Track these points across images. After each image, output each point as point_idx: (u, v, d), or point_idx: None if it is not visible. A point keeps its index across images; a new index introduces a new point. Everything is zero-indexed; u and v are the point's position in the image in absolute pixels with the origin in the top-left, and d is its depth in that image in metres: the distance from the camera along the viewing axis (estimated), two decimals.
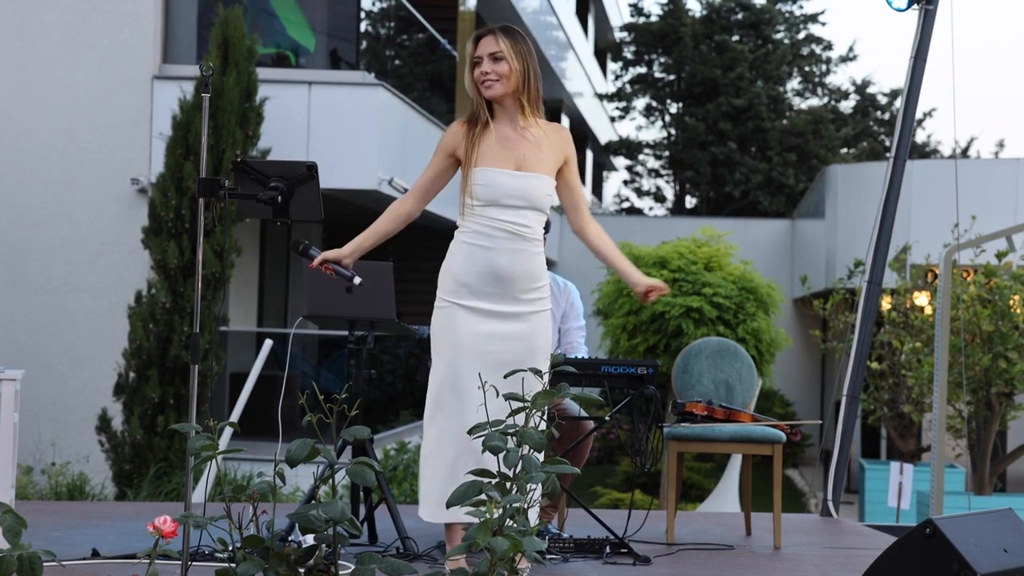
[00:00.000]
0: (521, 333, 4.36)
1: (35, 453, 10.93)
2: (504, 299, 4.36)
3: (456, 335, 4.33)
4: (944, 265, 8.18)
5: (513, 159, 4.37)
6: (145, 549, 3.33)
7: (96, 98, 11.39)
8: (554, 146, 4.44)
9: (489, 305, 4.35)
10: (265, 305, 13.83)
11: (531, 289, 4.39)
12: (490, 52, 4.36)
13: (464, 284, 4.36)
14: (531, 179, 4.36)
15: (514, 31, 4.42)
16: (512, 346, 4.34)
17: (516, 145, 4.39)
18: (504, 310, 4.36)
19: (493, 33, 4.39)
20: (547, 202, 4.41)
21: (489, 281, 4.35)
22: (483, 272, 4.34)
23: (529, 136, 4.40)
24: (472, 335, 4.33)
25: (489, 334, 4.34)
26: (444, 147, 4.45)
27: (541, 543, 3.18)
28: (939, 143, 32.15)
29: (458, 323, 4.34)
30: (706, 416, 5.68)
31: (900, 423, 14.14)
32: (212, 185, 4.27)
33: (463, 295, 4.36)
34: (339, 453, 3.36)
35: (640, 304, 11.35)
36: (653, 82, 29.93)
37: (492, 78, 4.35)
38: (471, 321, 4.34)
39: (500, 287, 4.35)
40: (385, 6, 13.65)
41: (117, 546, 5.15)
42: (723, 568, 5.14)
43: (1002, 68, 63.09)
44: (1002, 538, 3.75)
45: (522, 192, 4.34)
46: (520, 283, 4.36)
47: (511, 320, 4.36)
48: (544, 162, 4.40)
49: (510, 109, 4.41)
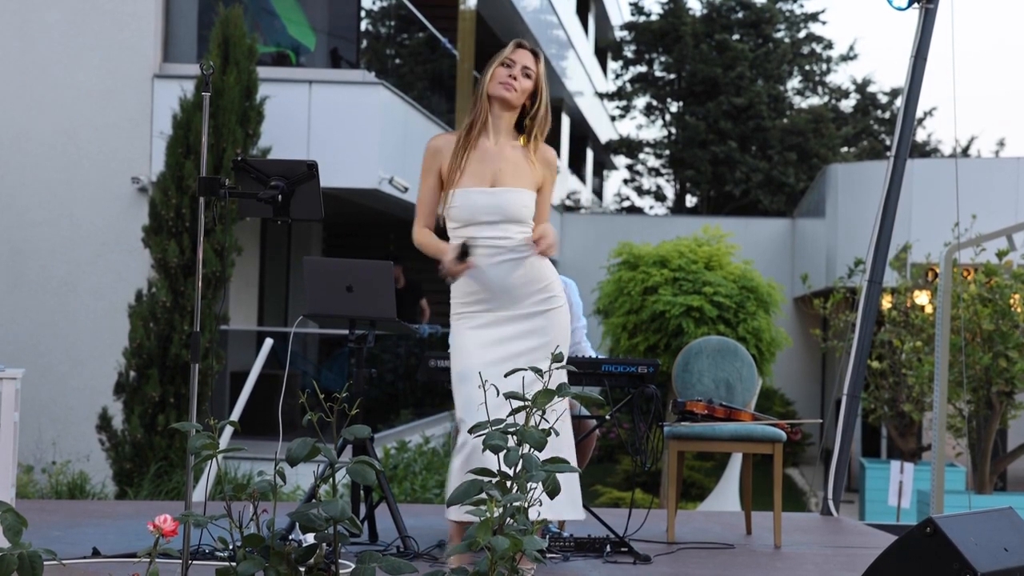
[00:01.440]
0: (536, 329, 4.39)
1: (36, 452, 10.94)
2: (511, 306, 4.40)
3: (467, 344, 4.38)
4: (944, 264, 8.18)
5: (490, 173, 4.40)
6: (145, 548, 3.33)
7: (96, 97, 11.39)
8: (536, 164, 4.47)
9: (498, 312, 4.39)
10: (265, 304, 13.83)
11: (535, 292, 4.41)
12: (525, 66, 4.43)
13: (470, 294, 4.42)
14: (505, 194, 4.39)
15: (547, 62, 4.52)
16: (527, 344, 4.36)
17: (493, 159, 4.41)
18: (514, 313, 4.40)
19: (536, 54, 4.47)
20: (526, 214, 4.42)
21: (490, 296, 4.39)
22: (478, 291, 4.40)
23: (508, 152, 4.44)
24: (484, 342, 4.36)
25: (502, 337, 4.37)
26: (430, 168, 4.47)
27: (542, 542, 3.18)
28: (940, 142, 32.16)
29: (468, 333, 4.39)
30: (706, 415, 5.68)
31: (900, 422, 14.14)
32: (213, 184, 4.27)
33: (470, 304, 4.43)
34: (339, 452, 3.36)
35: (640, 303, 11.36)
36: (653, 81, 29.92)
37: (515, 85, 4.41)
38: (482, 330, 4.38)
39: (498, 301, 4.39)
40: (386, 5, 13.65)
41: (117, 545, 5.16)
42: (723, 567, 5.14)
43: (1003, 67, 63.11)
44: (1002, 537, 3.75)
45: (496, 207, 4.37)
46: (518, 290, 4.39)
47: (523, 320, 4.39)
48: (522, 176, 4.43)
49: (503, 124, 4.45)
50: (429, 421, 14.10)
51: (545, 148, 4.54)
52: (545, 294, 4.44)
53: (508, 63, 4.43)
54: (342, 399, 3.39)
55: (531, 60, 4.44)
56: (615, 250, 12.13)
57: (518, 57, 4.44)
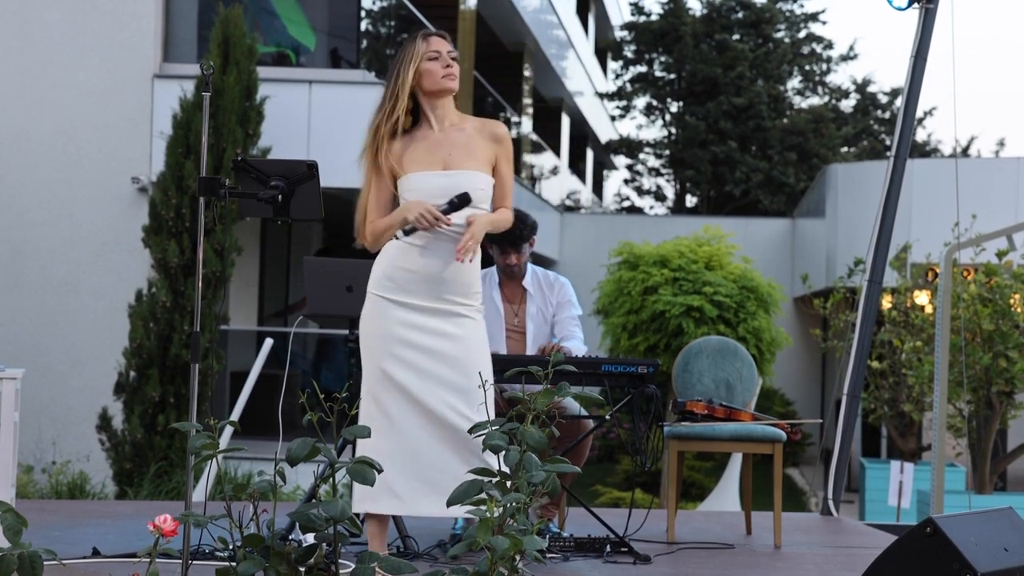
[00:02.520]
0: (453, 334, 4.28)
1: (36, 452, 10.94)
2: (431, 297, 4.29)
3: (385, 325, 4.28)
4: (944, 264, 8.18)
5: (440, 160, 4.34)
6: (145, 548, 3.33)
7: (96, 97, 11.39)
8: (484, 141, 4.39)
9: (416, 300, 4.29)
10: (265, 304, 13.83)
11: (459, 294, 4.32)
12: (449, 51, 4.38)
13: (391, 279, 4.31)
14: (460, 176, 4.31)
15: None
16: (443, 344, 4.26)
17: (441, 145, 4.35)
18: (431, 305, 4.29)
19: (444, 37, 4.43)
20: (482, 196, 4.34)
21: (417, 280, 4.29)
22: (412, 271, 4.29)
23: (455, 136, 4.38)
24: (400, 325, 4.27)
25: (418, 326, 4.27)
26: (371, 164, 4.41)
27: (542, 542, 3.18)
28: (940, 142, 32.14)
29: (387, 315, 4.28)
30: (706, 415, 5.68)
31: (900, 422, 14.14)
32: (213, 184, 4.27)
33: (389, 289, 4.31)
34: (339, 452, 3.36)
35: (640, 303, 11.36)
36: (653, 81, 29.91)
37: (454, 71, 4.36)
38: (399, 313, 4.28)
39: (427, 287, 4.29)
40: (386, 5, 13.66)
41: (117, 545, 5.15)
42: (723, 567, 5.14)
43: (1003, 67, 63.08)
44: (1002, 537, 3.75)
45: (452, 190, 4.28)
46: (448, 286, 4.29)
47: (440, 317, 4.29)
48: (474, 157, 4.35)
49: (443, 111, 4.39)
50: None
51: (494, 124, 4.46)
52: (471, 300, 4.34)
53: (434, 55, 4.35)
54: (342, 399, 3.39)
55: (448, 45, 4.39)
56: (615, 250, 12.13)
57: (440, 47, 4.36)
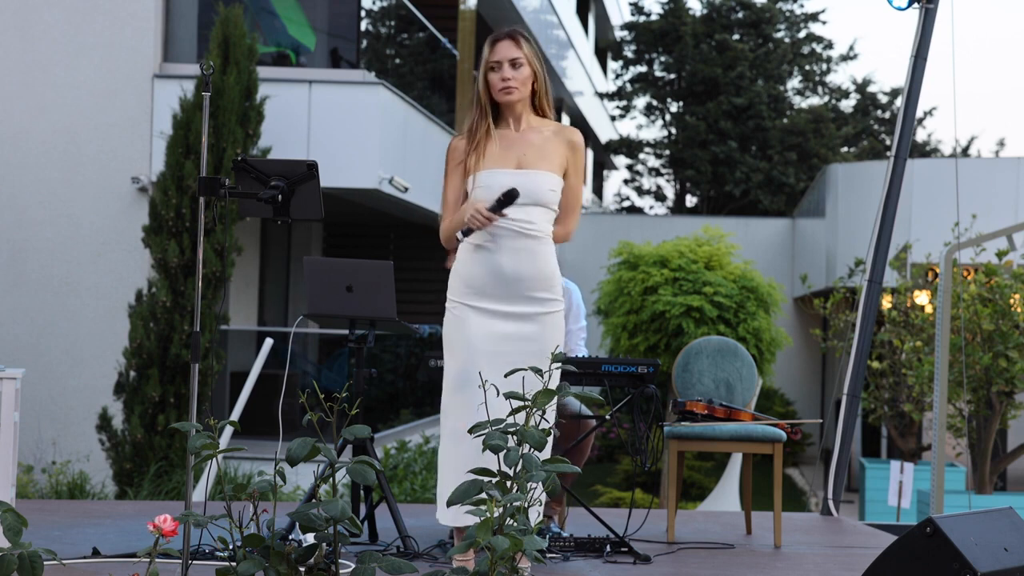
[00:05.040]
0: (532, 334, 4.31)
1: (36, 452, 10.94)
2: (512, 299, 4.31)
3: (467, 335, 4.30)
4: (945, 264, 8.18)
5: (514, 158, 4.35)
6: (145, 548, 3.33)
7: (97, 97, 11.39)
8: (560, 146, 4.40)
9: (497, 305, 4.31)
10: (265, 304, 13.83)
11: (540, 288, 4.34)
12: (511, 58, 4.34)
13: (470, 285, 4.34)
14: (532, 175, 4.32)
15: (528, 35, 4.43)
16: (522, 347, 4.28)
17: (516, 145, 4.36)
18: (513, 310, 4.31)
19: (512, 38, 4.37)
20: (552, 198, 4.35)
21: (494, 282, 4.31)
22: (488, 272, 4.31)
23: (531, 136, 4.38)
24: (483, 336, 4.29)
25: (500, 335, 4.30)
26: (454, 162, 4.40)
27: (542, 542, 3.18)
28: (940, 142, 32.16)
29: (469, 323, 4.31)
30: (706, 415, 5.68)
31: (900, 422, 14.14)
32: (213, 184, 4.27)
33: (470, 296, 4.33)
34: (339, 452, 3.36)
35: (640, 303, 11.36)
36: (653, 81, 29.92)
37: (513, 85, 4.33)
38: (482, 322, 4.30)
39: (506, 287, 4.31)
40: (386, 5, 13.65)
41: (117, 545, 5.15)
42: (723, 567, 5.14)
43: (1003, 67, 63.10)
44: (1002, 537, 3.75)
45: (524, 188, 4.29)
46: (526, 282, 4.31)
47: (521, 320, 4.32)
48: (547, 159, 4.36)
49: (517, 112, 4.40)
50: (429, 421, 14.09)
51: (570, 130, 4.46)
52: (549, 294, 4.36)
53: (494, 66, 4.35)
54: (342, 399, 3.38)
55: (513, 48, 4.34)
56: (615, 250, 12.13)
57: (500, 55, 4.34)
